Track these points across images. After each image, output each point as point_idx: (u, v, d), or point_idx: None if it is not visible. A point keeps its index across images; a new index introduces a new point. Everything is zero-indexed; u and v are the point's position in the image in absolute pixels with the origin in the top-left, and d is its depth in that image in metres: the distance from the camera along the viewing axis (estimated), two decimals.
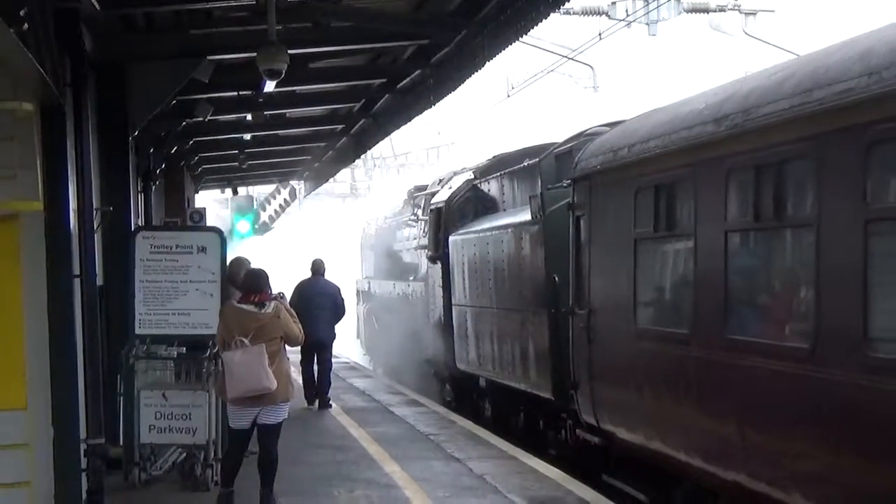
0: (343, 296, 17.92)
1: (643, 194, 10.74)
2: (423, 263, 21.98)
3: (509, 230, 15.93)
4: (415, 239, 23.76)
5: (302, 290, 17.40)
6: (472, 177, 20.02)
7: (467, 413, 18.46)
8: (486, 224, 17.66)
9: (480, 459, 13.20)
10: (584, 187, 12.44)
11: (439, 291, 20.01)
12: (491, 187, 19.05)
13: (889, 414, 6.88)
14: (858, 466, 7.26)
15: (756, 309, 8.81)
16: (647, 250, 10.80)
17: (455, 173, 22.15)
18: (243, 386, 10.16)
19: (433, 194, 22.11)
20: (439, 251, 19.84)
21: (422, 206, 23.36)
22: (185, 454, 11.73)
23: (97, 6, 10.37)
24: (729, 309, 8.99)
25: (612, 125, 13.60)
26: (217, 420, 11.51)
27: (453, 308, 19.08)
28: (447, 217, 19.61)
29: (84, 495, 9.90)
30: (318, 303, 16.99)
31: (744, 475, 8.70)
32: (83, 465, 9.86)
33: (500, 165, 18.93)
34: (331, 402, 17.91)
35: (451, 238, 19.15)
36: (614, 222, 11.52)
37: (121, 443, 11.72)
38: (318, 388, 17.77)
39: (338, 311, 17.53)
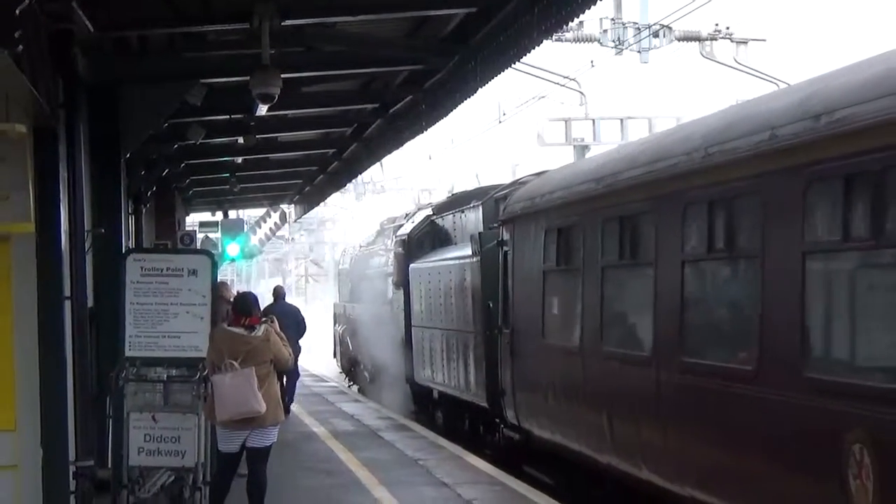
0: (303, 314, 20.41)
1: (549, 235, 13.31)
2: (390, 289, 24.52)
3: (456, 262, 18.49)
4: (383, 266, 26.31)
5: (267, 313, 19.86)
6: (431, 213, 22.64)
7: (425, 421, 20.98)
8: (440, 256, 20.28)
9: (469, 484, 13.44)
10: (509, 228, 15.01)
11: (402, 314, 22.55)
12: (446, 222, 21.69)
13: (694, 399, 9.43)
14: (686, 442, 9.78)
15: (621, 327, 11.41)
16: (551, 280, 13.37)
17: (419, 208, 24.75)
18: (232, 409, 10.23)
19: (399, 226, 24.70)
20: (402, 278, 22.41)
21: (390, 236, 25.96)
22: (173, 477, 11.52)
23: (91, 28, 10.27)
24: (604, 327, 11.59)
25: (538, 174, 16.17)
26: (206, 443, 11.34)
27: (413, 329, 21.66)
28: (409, 248, 22.19)
29: None
30: (283, 323, 19.44)
31: (614, 457, 11.24)
32: (72, 487, 9.86)
33: (454, 204, 21.63)
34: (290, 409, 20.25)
35: (411, 266, 21.72)
36: (529, 257, 14.08)
37: (109, 465, 11.55)
38: (285, 397, 20.26)
39: (300, 328, 19.97)
